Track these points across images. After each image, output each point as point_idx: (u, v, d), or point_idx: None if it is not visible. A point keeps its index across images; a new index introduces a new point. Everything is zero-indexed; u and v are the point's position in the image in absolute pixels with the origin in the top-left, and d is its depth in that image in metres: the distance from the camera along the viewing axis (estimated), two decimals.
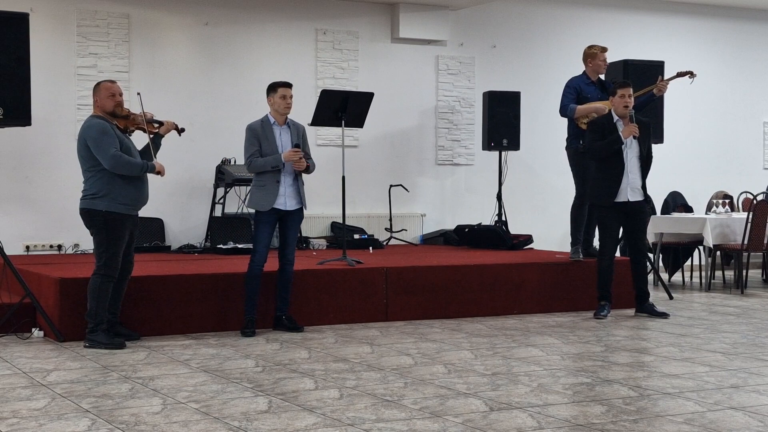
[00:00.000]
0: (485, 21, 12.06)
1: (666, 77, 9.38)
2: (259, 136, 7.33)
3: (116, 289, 6.76)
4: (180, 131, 7.17)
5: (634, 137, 8.04)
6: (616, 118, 8.14)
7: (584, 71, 8.96)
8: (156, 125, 6.99)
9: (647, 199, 8.39)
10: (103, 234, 6.63)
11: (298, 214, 7.45)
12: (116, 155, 6.57)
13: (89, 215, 6.67)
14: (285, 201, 7.34)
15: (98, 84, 6.88)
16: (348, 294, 7.92)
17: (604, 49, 8.91)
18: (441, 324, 7.87)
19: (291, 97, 7.41)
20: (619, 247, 9.72)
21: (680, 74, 9.12)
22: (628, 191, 8.11)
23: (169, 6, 10.59)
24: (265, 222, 7.33)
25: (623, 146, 8.05)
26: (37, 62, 8.68)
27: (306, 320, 7.64)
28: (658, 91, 8.88)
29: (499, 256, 9.47)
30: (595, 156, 8.23)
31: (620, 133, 8.02)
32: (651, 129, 8.34)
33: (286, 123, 7.43)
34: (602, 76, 9.18)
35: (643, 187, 8.24)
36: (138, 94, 7.00)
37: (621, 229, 8.36)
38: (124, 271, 6.81)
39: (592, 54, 8.89)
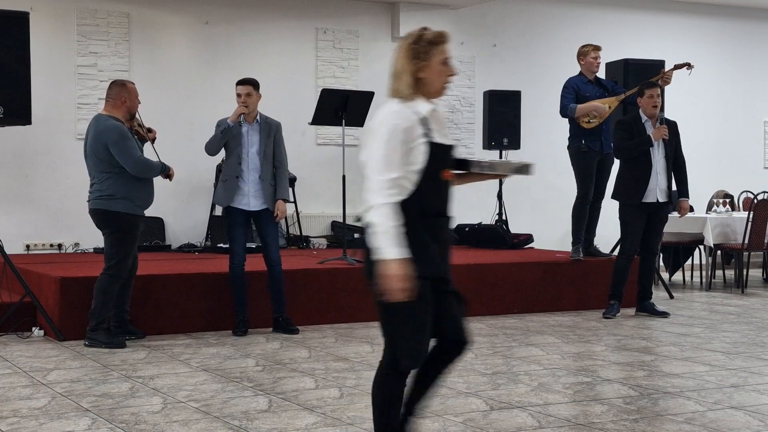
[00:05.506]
0: (485, 20, 12.05)
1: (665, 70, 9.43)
2: (225, 130, 7.18)
3: (125, 288, 6.79)
4: (153, 140, 7.09)
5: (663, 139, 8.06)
6: (644, 118, 8.11)
7: (580, 71, 8.98)
8: (147, 130, 7.03)
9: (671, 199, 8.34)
10: (119, 235, 6.64)
11: (266, 214, 7.17)
12: (141, 160, 6.66)
13: (105, 216, 6.65)
14: (249, 201, 7.13)
15: (123, 84, 6.82)
16: (348, 293, 7.91)
17: (596, 48, 8.93)
18: None
19: (248, 95, 7.11)
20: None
21: (677, 66, 9.13)
22: (657, 192, 8.11)
23: (169, 5, 10.58)
24: (233, 223, 7.18)
25: (651, 147, 8.05)
26: (38, 61, 8.65)
27: (306, 319, 7.64)
28: (664, 82, 8.85)
29: (500, 255, 9.47)
30: (623, 155, 8.15)
31: (650, 135, 8.00)
32: (678, 129, 8.29)
33: (255, 121, 7.21)
34: (602, 75, 9.17)
35: (685, 188, 8.24)
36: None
37: None
38: (132, 269, 6.83)
39: (584, 52, 8.96)
